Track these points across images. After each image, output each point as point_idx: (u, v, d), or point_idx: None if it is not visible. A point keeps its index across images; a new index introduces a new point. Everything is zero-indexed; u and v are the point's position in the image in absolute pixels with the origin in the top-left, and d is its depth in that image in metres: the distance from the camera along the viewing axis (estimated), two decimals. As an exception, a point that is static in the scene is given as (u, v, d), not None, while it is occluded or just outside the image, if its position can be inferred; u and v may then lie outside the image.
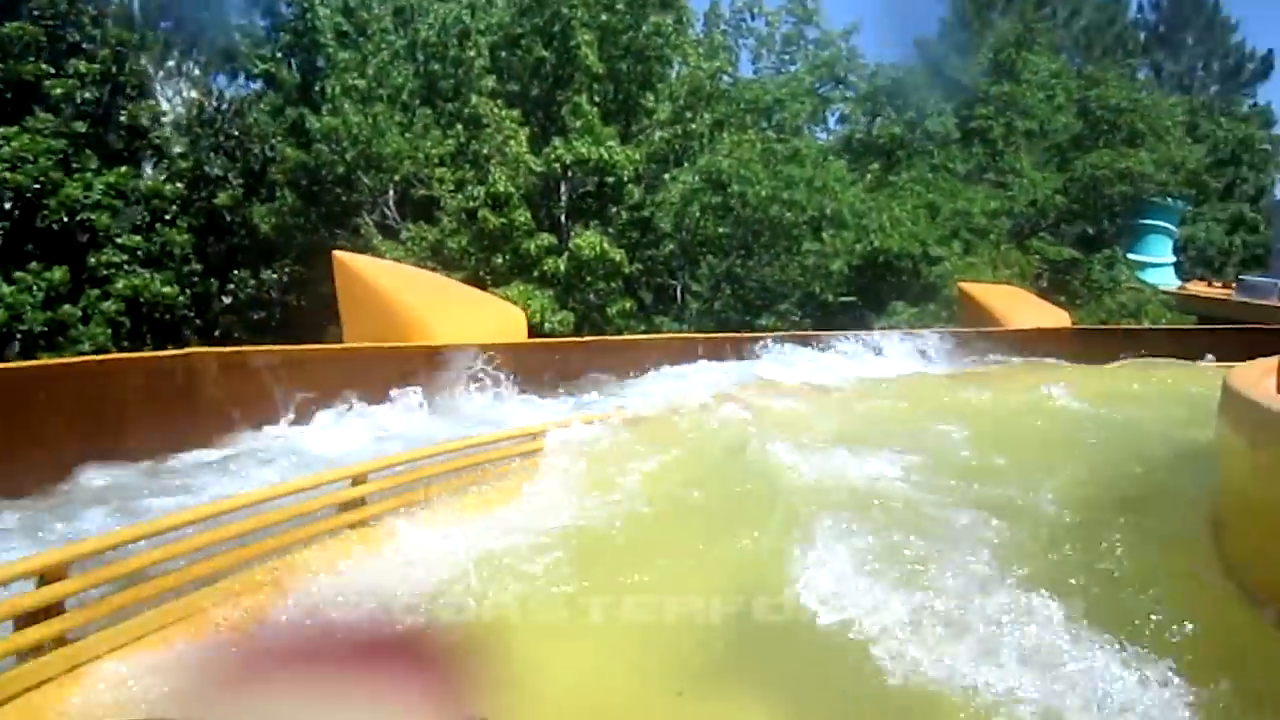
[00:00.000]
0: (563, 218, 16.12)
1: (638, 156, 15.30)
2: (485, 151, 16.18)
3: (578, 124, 15.06)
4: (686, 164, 15.11)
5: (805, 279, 14.58)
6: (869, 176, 16.17)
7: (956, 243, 14.59)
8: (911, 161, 15.86)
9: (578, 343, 8.92)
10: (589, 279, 14.90)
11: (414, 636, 3.11)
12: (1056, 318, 12.05)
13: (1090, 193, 16.73)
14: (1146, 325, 13.75)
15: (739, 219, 14.94)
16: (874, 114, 17.53)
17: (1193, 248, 23.13)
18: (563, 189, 16.37)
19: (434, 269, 16.47)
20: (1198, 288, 19.34)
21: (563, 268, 15.15)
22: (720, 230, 15.18)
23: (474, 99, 15.57)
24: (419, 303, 7.50)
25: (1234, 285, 18.22)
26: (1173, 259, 19.33)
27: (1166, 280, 18.24)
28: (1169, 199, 18.59)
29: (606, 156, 14.84)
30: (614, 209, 16.07)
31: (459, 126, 16.51)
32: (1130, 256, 17.46)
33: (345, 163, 16.58)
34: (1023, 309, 11.88)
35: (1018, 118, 16.80)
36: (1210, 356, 10.60)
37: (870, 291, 14.59)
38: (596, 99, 15.11)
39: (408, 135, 16.69)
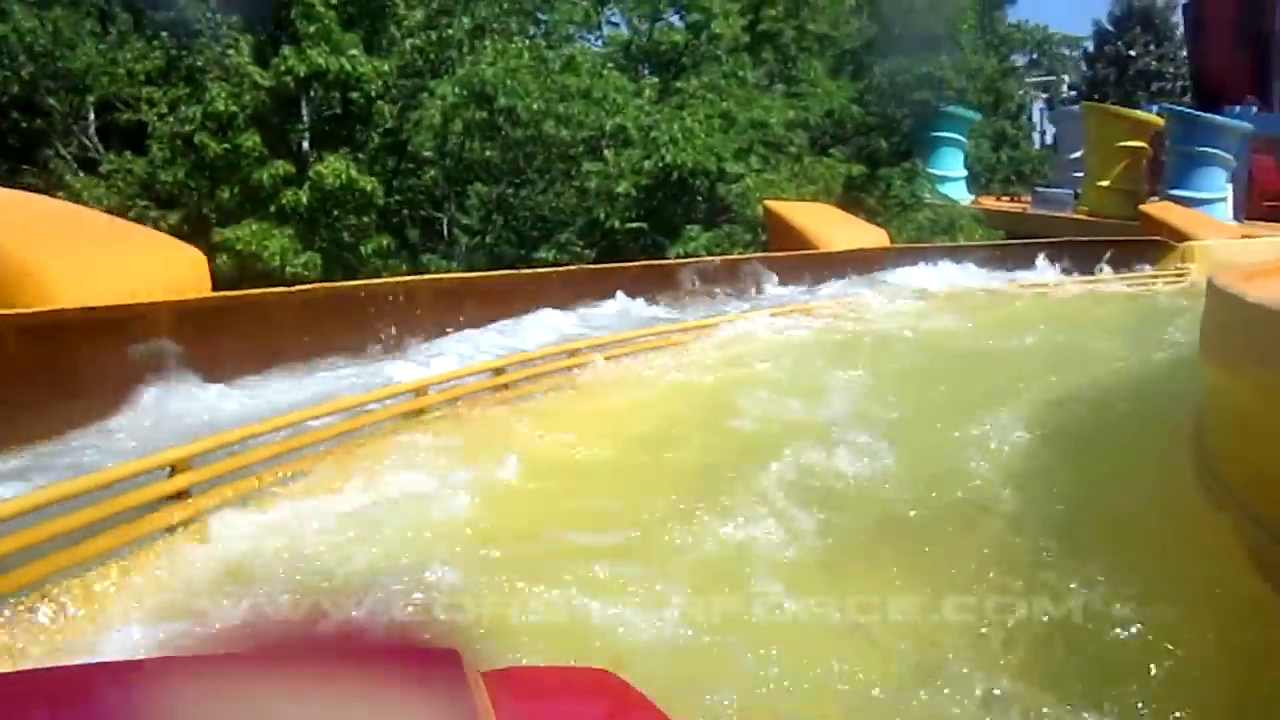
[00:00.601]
0: (305, 144, 14.35)
1: (387, 69, 13.76)
2: (201, 64, 14.14)
3: (312, 30, 13.28)
4: (446, 76, 13.62)
5: (587, 205, 13.53)
6: (649, 92, 15.21)
7: (754, 158, 13.89)
8: (699, 69, 15.01)
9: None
10: (336, 213, 13.33)
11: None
12: (876, 236, 11.48)
13: (889, 100, 16.42)
14: (964, 241, 13.59)
15: (509, 139, 13.77)
16: (655, 18, 16.54)
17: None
18: (304, 110, 14.54)
19: (145, 207, 14.46)
20: (990, 202, 19.67)
21: (304, 200, 13.46)
22: (489, 153, 14.01)
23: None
24: (19, 244, 5.10)
25: (1029, 198, 18.57)
26: (964, 173, 19.61)
27: (960, 195, 18.53)
28: (960, 109, 18.69)
29: (349, 68, 13.26)
30: (364, 132, 14.43)
31: (165, 35, 14.35)
32: (928, 170, 17.46)
33: (21, 80, 14.15)
34: (839, 228, 11.26)
35: (809, 20, 16.24)
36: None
37: (661, 215, 13.77)
38: (334, 1, 13.38)
39: (103, 46, 14.39)
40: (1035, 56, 19.63)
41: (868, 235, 11.34)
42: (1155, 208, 13.90)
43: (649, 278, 9.19)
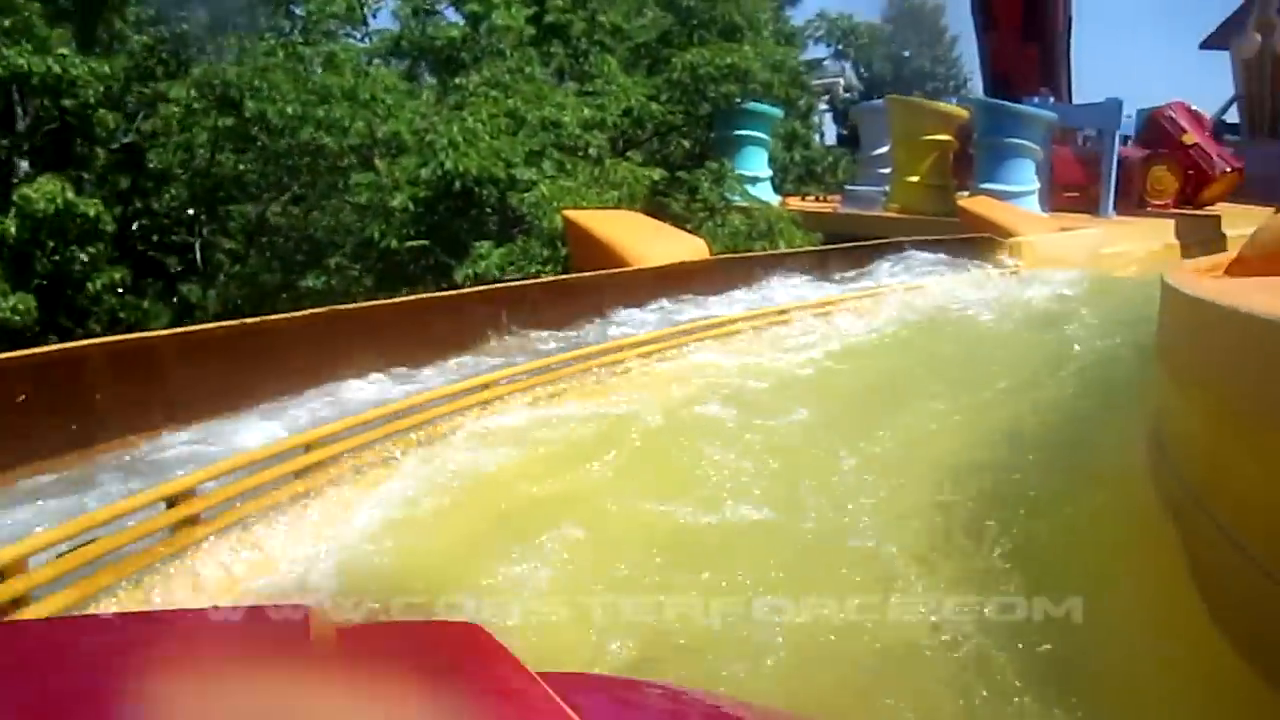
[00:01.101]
0: (18, 161, 12.38)
1: (109, 70, 11.95)
2: None
3: (8, 24, 11.42)
4: (180, 78, 12.02)
5: (360, 223, 12.16)
6: (426, 94, 14.03)
7: (548, 162, 12.92)
8: (480, 65, 13.92)
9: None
10: (52, 245, 11.45)
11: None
12: (693, 247, 10.65)
13: (691, 97, 15.81)
14: (784, 246, 13.05)
15: (265, 150, 12.17)
16: (429, 10, 15.38)
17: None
18: (18, 121, 12.58)
19: None
20: (797, 202, 19.45)
21: (13, 231, 11.55)
22: (243, 167, 12.33)
23: None
24: None
25: (839, 196, 18.43)
26: (769, 173, 19.34)
27: (767, 196, 18.22)
28: (763, 106, 18.39)
29: (58, 69, 11.38)
30: (86, 146, 12.60)
31: None
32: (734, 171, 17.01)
33: None
34: (652, 239, 10.36)
35: (599, 12, 15.45)
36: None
37: (446, 231, 12.58)
38: (35, -9, 11.59)
39: None
40: (839, 48, 19.62)
41: (684, 245, 10.53)
42: (973, 202, 13.90)
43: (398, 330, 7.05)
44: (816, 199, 21.13)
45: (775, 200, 18.82)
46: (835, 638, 3.53)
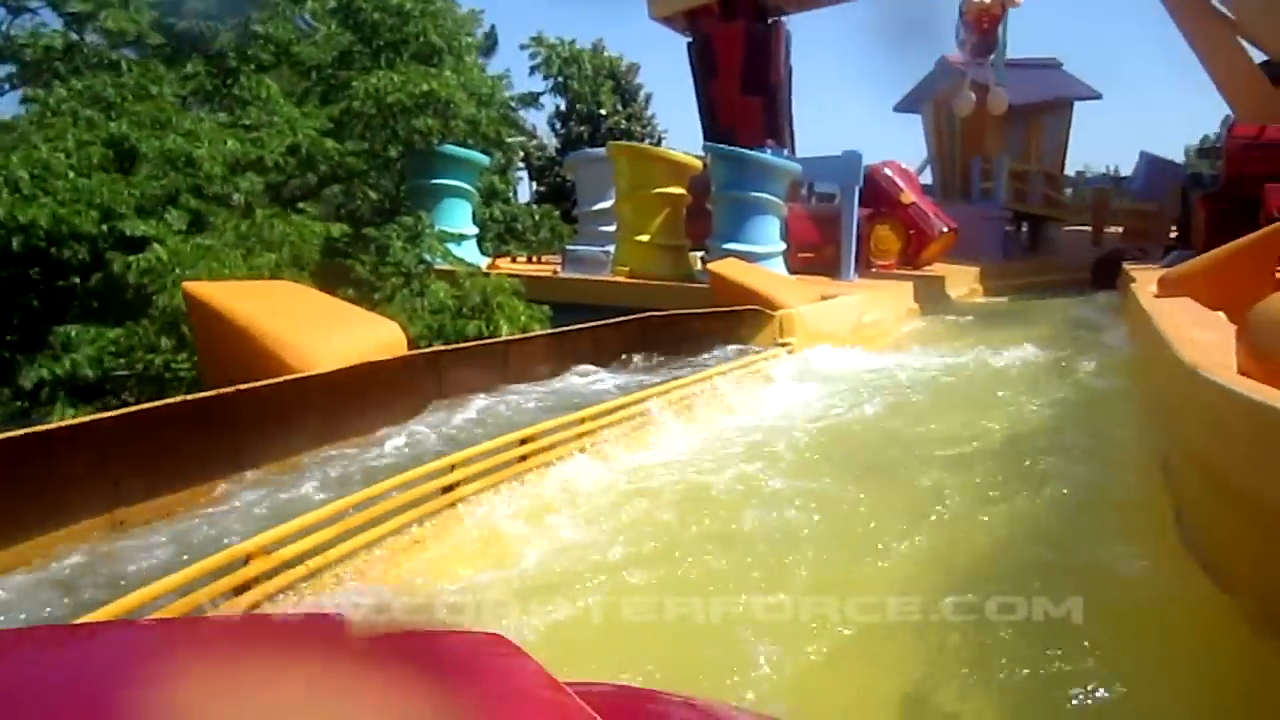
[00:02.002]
0: None
1: None
2: None
3: None
4: None
5: None
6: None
7: (176, 211, 9.27)
8: (78, 77, 10.05)
9: None
10: None
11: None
12: (383, 337, 7.32)
13: (379, 134, 12.54)
14: (505, 325, 9.97)
15: None
16: (19, 8, 11.27)
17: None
18: None
19: None
20: (508, 265, 16.65)
21: None
22: None
23: None
24: None
25: (557, 257, 15.72)
26: (475, 230, 16.40)
27: (473, 257, 15.24)
28: (466, 152, 15.49)
29: None
30: None
31: None
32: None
33: None
34: (321, 324, 6.99)
35: (255, 22, 11.89)
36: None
37: (4, 311, 8.51)
38: None
39: None
40: (562, 79, 16.74)
41: (369, 333, 7.29)
42: (725, 266, 11.57)
43: None
44: (530, 261, 18.42)
45: (483, 262, 15.92)
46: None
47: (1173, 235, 30.77)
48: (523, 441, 5.77)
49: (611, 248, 15.34)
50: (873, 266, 19.57)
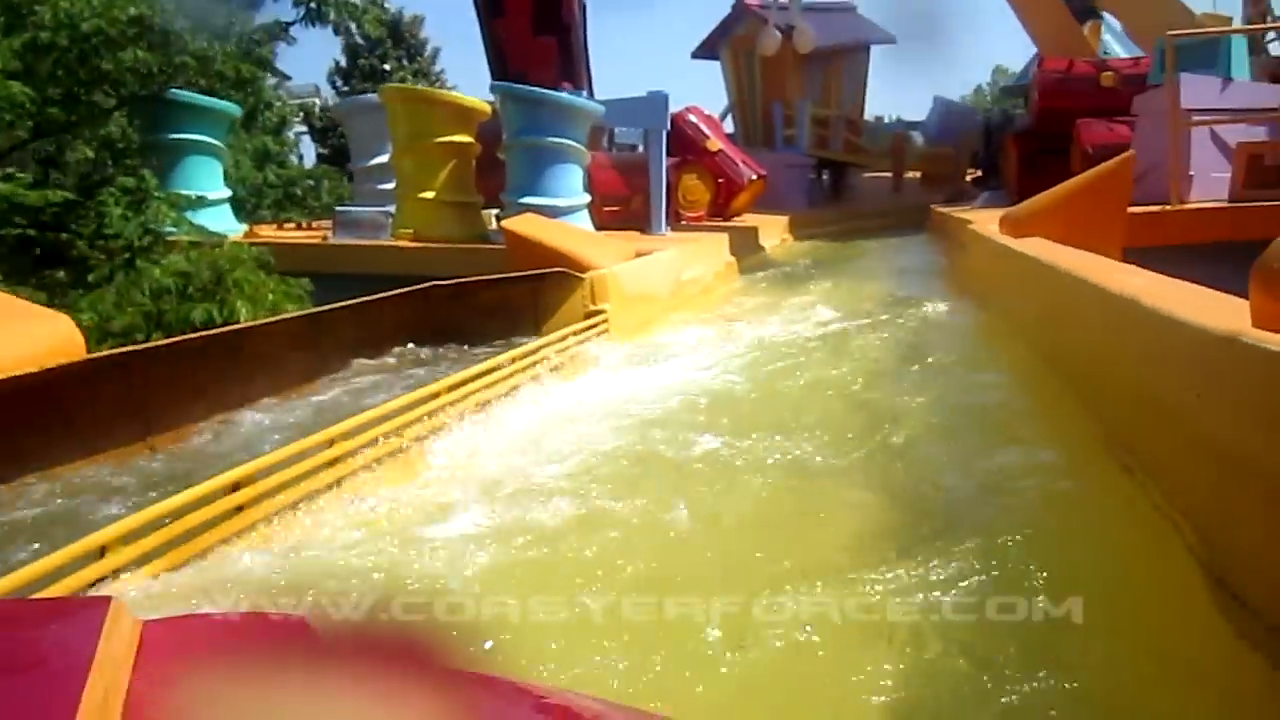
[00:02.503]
0: None
1: None
2: None
3: None
4: None
5: None
6: None
7: None
8: None
9: None
10: None
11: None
12: (56, 336, 5.17)
13: (79, 74, 9.98)
14: (244, 309, 7.79)
15: None
16: None
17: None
18: None
19: None
20: (272, 233, 14.35)
21: None
22: None
23: None
24: None
25: (332, 222, 13.45)
26: (228, 193, 14.00)
27: (227, 224, 12.90)
28: (214, 101, 13.06)
29: None
30: None
31: None
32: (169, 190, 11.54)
33: None
34: None
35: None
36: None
37: None
38: None
39: None
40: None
41: (28, 338, 5.14)
42: (521, 223, 9.75)
43: None
44: (300, 227, 16.04)
45: (238, 230, 13.55)
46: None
47: (973, 177, 31.10)
48: (235, 486, 3.92)
49: (392, 208, 13.29)
50: (682, 218, 18.24)
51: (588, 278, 8.42)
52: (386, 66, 39.86)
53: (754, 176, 19.85)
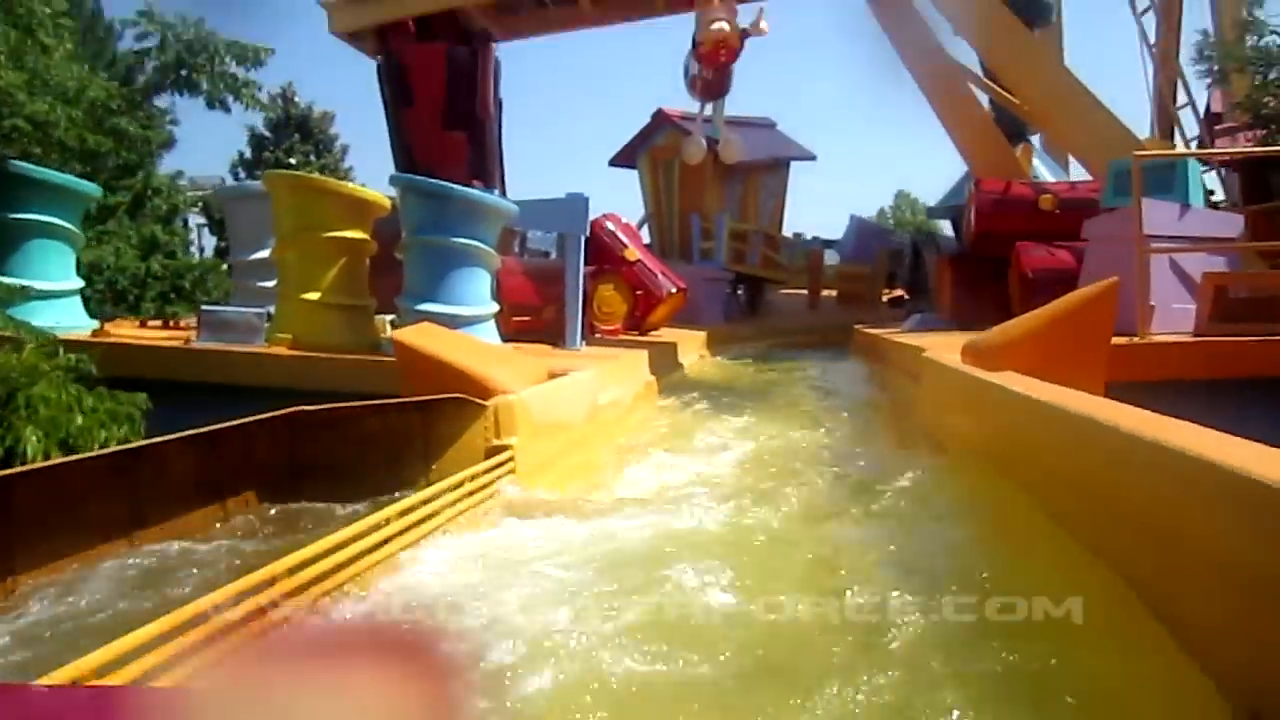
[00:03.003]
0: None
1: None
2: None
3: None
4: None
5: None
6: None
7: None
8: None
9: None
10: None
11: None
12: None
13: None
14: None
15: None
16: None
17: (100, 279, 16.82)
18: None
19: None
20: (130, 331, 12.57)
21: None
22: None
23: None
24: None
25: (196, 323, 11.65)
26: (78, 283, 12.15)
27: (74, 319, 11.06)
28: (66, 178, 11.33)
29: None
30: None
31: None
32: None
33: None
34: None
35: None
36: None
37: None
38: None
39: None
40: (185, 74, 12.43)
41: None
42: (420, 334, 8.18)
43: None
44: (166, 324, 14.15)
45: (87, 328, 11.68)
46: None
47: (890, 297, 30.69)
48: None
49: (272, 309, 11.61)
50: (596, 331, 16.92)
51: (492, 405, 6.86)
52: (293, 160, 38.68)
53: (673, 289, 18.67)
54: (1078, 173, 20.80)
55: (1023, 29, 14.09)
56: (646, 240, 26.93)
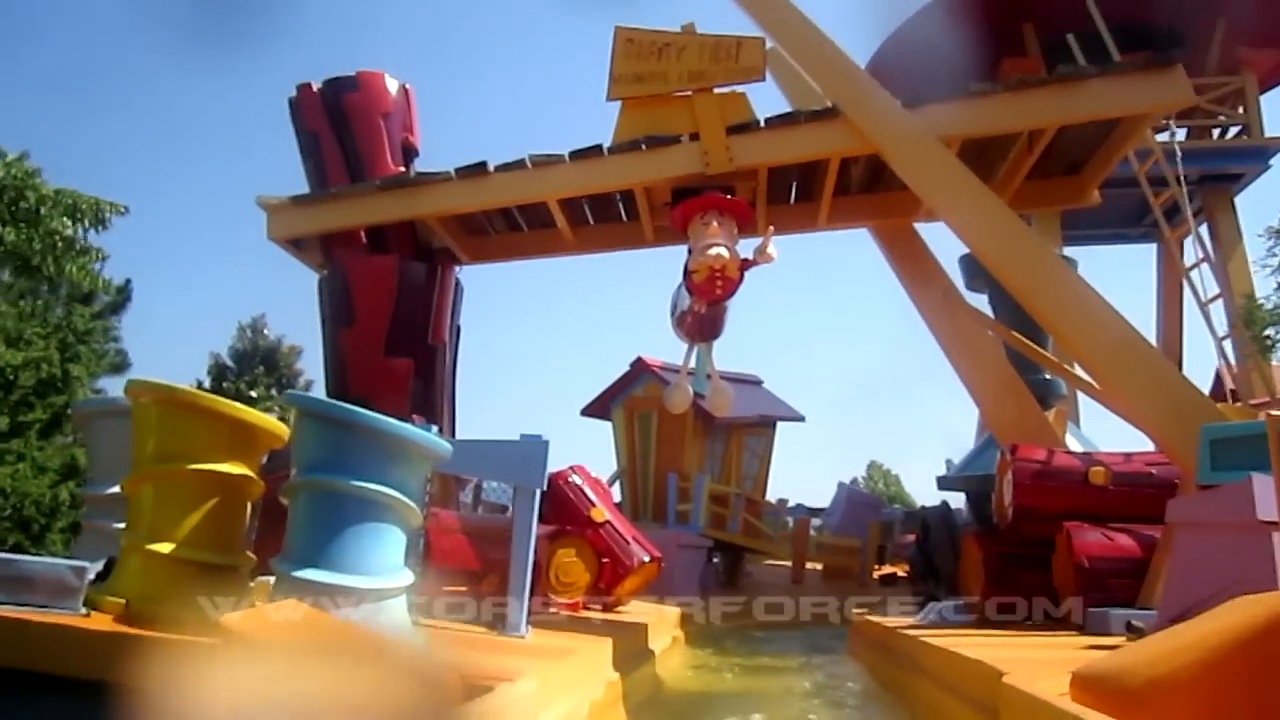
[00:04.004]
0: None
1: None
2: None
3: None
4: None
5: None
6: None
7: None
8: None
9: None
10: None
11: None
12: None
13: None
14: None
15: None
16: None
17: (5, 503, 14.25)
18: None
19: None
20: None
21: None
22: None
23: None
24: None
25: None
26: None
27: None
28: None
29: None
30: None
31: None
32: None
33: None
34: None
35: None
36: None
37: None
38: None
39: None
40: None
41: None
42: (254, 622, 5.28)
43: None
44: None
45: None
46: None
47: (881, 574, 27.82)
48: None
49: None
50: (552, 605, 13.89)
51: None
52: (254, 393, 37.11)
53: (646, 558, 15.73)
54: (1106, 442, 18.58)
55: (1073, 272, 12.17)
56: (618, 499, 24.34)
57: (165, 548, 8.20)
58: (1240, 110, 27.68)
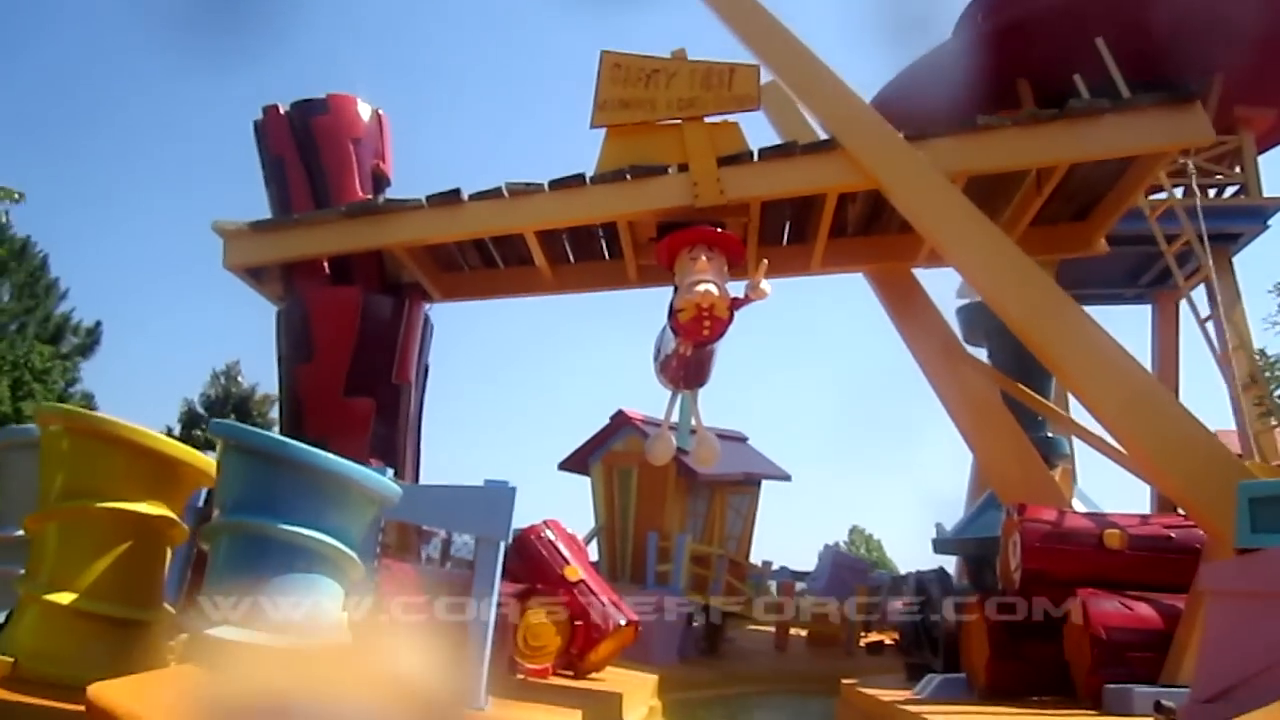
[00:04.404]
0: None
1: None
2: None
3: None
4: None
5: None
6: None
7: None
8: None
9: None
10: None
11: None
12: None
13: None
14: None
15: None
16: None
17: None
18: None
19: None
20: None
21: None
22: None
23: None
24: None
25: None
26: None
27: None
28: None
29: None
30: None
31: None
32: None
33: None
34: None
35: None
36: None
37: None
38: None
39: None
40: None
41: None
42: (129, 694, 4.23)
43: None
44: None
45: None
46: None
47: (868, 641, 26.76)
48: None
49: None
50: (520, 671, 12.73)
51: None
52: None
53: (623, 622, 14.56)
54: (1110, 503, 17.69)
55: (1089, 318, 11.29)
56: (595, 558, 23.18)
57: (65, 598, 7.07)
58: (1238, 170, 27.23)
